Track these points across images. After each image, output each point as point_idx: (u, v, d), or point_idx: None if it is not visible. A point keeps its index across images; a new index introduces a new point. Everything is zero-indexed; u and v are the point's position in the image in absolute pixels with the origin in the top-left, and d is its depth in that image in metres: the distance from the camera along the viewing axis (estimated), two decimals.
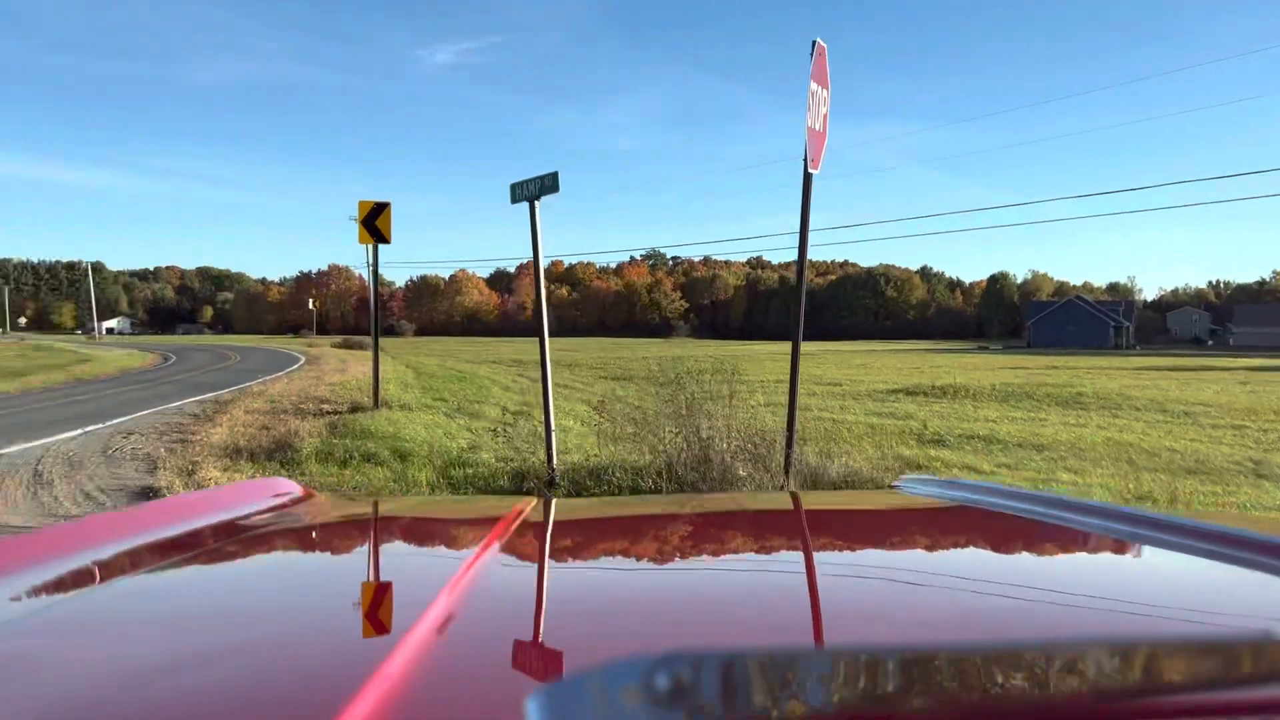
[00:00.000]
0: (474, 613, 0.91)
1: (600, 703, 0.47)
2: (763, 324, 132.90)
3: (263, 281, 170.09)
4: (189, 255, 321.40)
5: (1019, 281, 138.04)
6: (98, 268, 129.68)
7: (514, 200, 8.33)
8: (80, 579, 1.07)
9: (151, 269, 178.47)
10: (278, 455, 10.22)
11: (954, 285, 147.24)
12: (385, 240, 13.80)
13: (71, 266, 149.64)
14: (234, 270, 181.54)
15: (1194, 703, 0.57)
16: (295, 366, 31.82)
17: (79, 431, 12.76)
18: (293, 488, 1.71)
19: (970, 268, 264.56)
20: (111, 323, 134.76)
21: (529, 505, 1.60)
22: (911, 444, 12.41)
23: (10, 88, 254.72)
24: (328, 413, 14.80)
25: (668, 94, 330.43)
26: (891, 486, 2.01)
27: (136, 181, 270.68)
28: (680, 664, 0.47)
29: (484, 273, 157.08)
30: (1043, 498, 1.56)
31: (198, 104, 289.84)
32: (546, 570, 1.22)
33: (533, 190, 8.25)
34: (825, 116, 7.01)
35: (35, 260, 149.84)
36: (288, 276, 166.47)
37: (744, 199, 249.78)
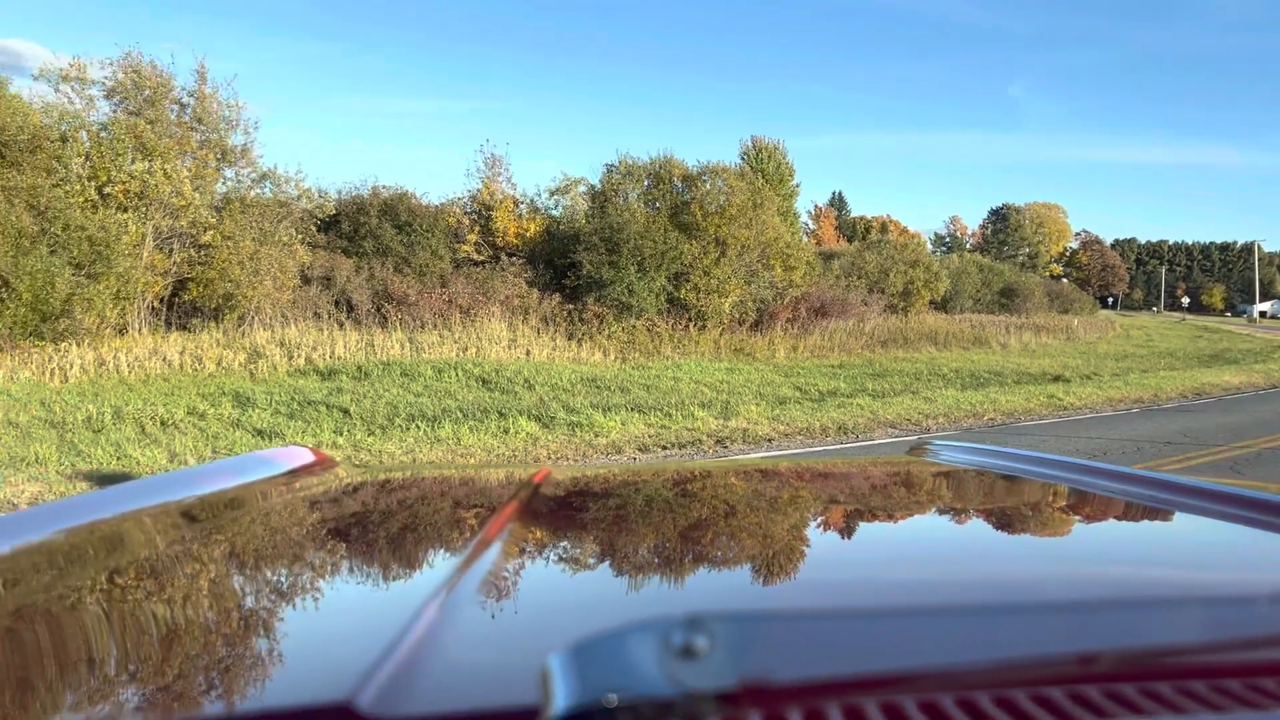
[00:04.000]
0: (496, 576, 0.91)
1: (619, 661, 0.49)
2: None
3: None
4: None
5: None
6: (1254, 249, 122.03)
7: None
8: (92, 550, 1.08)
9: None
10: None
11: None
12: None
13: (1224, 248, 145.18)
14: None
15: (1223, 662, 0.57)
16: None
17: None
18: (307, 455, 1.63)
19: None
20: (1264, 305, 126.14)
21: (549, 472, 1.57)
22: None
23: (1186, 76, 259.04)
24: None
25: None
26: (913, 449, 1.96)
27: None
28: (696, 626, 0.49)
29: None
30: (1069, 463, 1.54)
31: None
32: (567, 535, 1.22)
33: None
34: None
35: (1189, 241, 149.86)
36: None
37: None
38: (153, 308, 15.54)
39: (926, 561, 1.07)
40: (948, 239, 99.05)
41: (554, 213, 22.16)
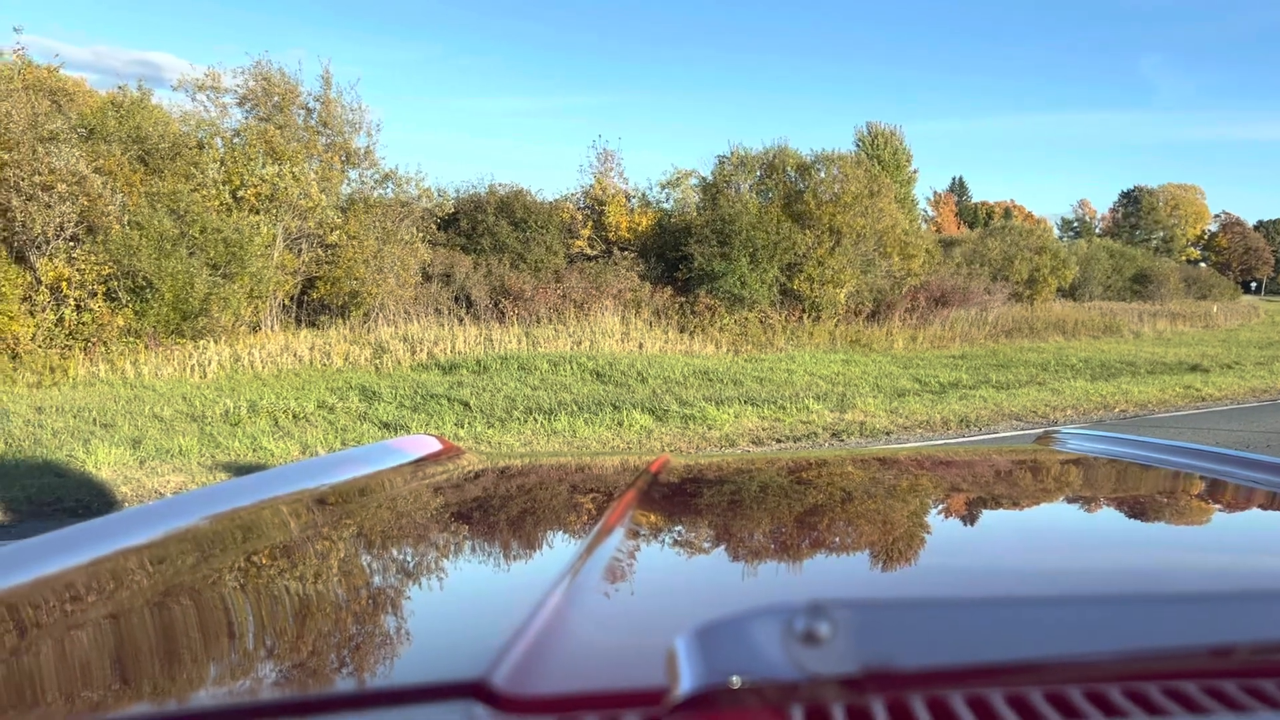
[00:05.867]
0: (618, 562, 0.92)
1: (743, 644, 0.49)
2: None
3: None
4: None
5: None
6: None
7: None
8: (232, 534, 1.10)
9: None
10: None
11: None
12: None
13: None
14: None
15: None
16: None
17: None
18: (435, 444, 1.67)
19: None
20: None
21: (667, 459, 1.59)
22: None
23: None
24: None
25: None
26: (1041, 438, 1.89)
27: None
28: (818, 612, 0.49)
29: None
30: (1204, 451, 1.49)
31: None
32: (686, 522, 1.23)
33: None
34: None
35: None
36: None
37: None
38: (284, 306, 16.24)
39: (1052, 550, 1.04)
40: (1075, 223, 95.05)
41: (665, 206, 22.18)
